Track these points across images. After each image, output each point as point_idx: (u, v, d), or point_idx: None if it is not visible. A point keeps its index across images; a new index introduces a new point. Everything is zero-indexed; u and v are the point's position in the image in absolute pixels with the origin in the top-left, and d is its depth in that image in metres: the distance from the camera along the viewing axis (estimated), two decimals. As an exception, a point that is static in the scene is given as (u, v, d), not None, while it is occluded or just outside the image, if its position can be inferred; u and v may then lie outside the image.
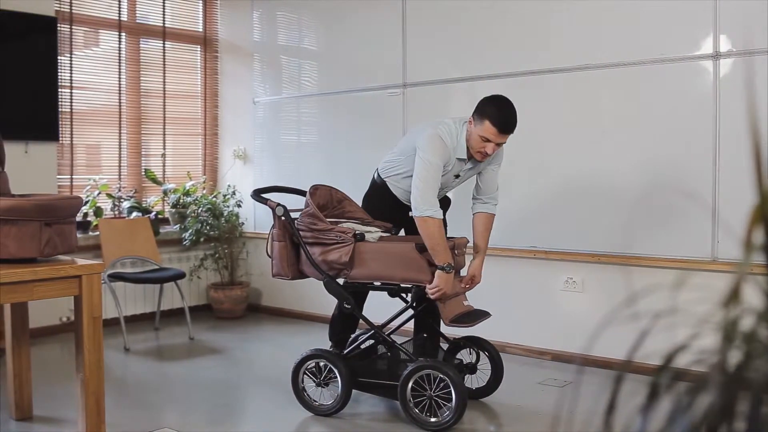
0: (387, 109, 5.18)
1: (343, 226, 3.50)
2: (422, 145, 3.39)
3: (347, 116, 5.48)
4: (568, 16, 4.38)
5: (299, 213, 3.58)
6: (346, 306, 3.51)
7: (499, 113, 3.36)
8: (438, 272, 3.26)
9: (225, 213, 5.87)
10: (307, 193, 3.56)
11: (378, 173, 3.83)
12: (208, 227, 5.69)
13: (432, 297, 3.30)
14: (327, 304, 5.55)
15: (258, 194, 3.71)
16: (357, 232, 3.42)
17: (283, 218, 3.55)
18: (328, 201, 3.67)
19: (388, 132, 5.16)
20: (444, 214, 3.90)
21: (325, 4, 5.56)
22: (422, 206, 3.30)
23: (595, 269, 4.34)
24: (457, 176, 3.58)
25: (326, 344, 3.96)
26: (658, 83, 4.09)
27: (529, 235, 4.57)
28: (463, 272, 3.62)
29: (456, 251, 3.41)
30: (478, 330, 3.93)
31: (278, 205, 3.56)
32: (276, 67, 5.98)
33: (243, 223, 6.02)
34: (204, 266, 5.90)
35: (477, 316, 3.41)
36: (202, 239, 5.71)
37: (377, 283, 3.51)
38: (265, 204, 3.62)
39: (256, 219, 6.04)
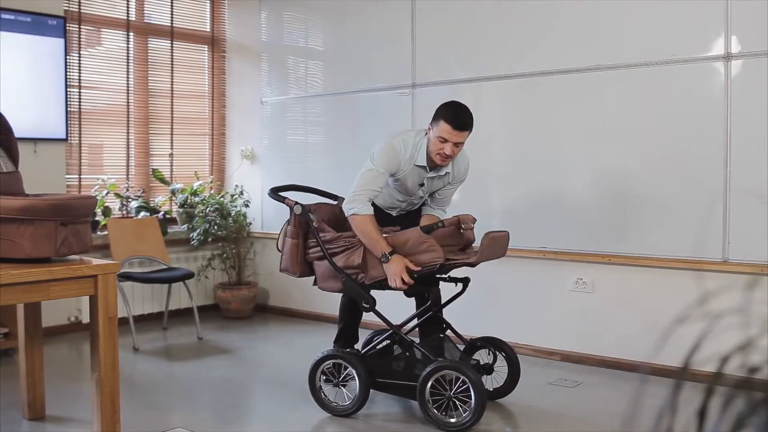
0: (396, 110, 5.17)
1: (350, 232, 3.50)
2: (373, 153, 3.54)
3: (355, 117, 5.47)
4: (579, 17, 4.38)
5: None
6: (365, 306, 3.47)
7: (450, 111, 3.47)
8: (383, 265, 3.31)
9: (233, 213, 5.87)
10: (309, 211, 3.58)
11: None
12: (215, 227, 5.69)
13: (396, 288, 3.34)
14: (335, 304, 5.55)
15: (276, 192, 3.71)
16: None
17: (300, 217, 3.54)
18: (332, 217, 3.68)
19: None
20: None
21: (333, 4, 5.56)
22: (349, 205, 3.41)
23: (605, 270, 4.34)
24: (421, 185, 3.64)
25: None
26: (669, 84, 4.09)
27: (538, 235, 4.57)
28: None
29: (462, 226, 3.43)
30: (491, 330, 3.94)
31: (296, 203, 3.56)
32: (283, 67, 5.99)
33: (251, 223, 6.02)
34: (211, 266, 5.90)
35: None
36: (209, 239, 5.71)
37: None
38: (283, 202, 3.62)
39: (264, 219, 6.04)
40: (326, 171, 5.50)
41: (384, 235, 3.43)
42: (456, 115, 3.43)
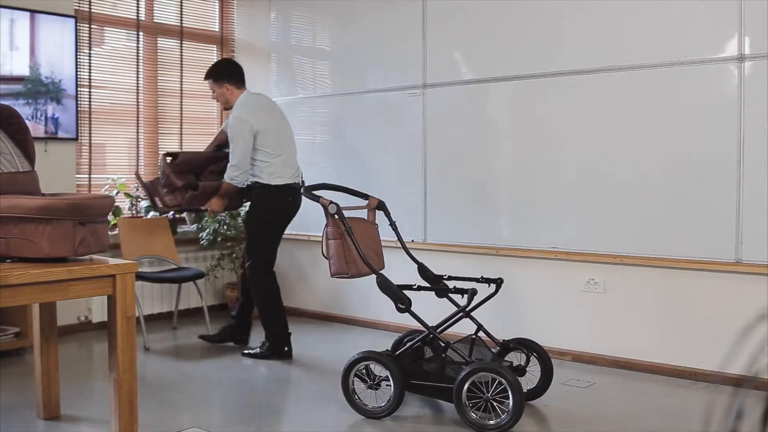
0: (406, 110, 5.18)
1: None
2: None
3: (364, 117, 5.47)
4: (591, 18, 4.38)
5: (351, 211, 3.62)
6: (401, 306, 3.45)
7: None
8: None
9: (242, 213, 5.86)
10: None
11: None
12: (225, 227, 5.69)
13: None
14: (342, 304, 5.57)
15: (309, 191, 3.70)
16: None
17: (335, 216, 3.53)
18: None
19: (407, 133, 5.17)
20: None
21: (342, 4, 5.56)
22: None
23: (617, 270, 4.34)
24: None
25: (345, 344, 3.95)
26: (682, 85, 4.09)
27: (549, 235, 4.57)
28: None
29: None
30: (500, 330, 3.93)
31: (331, 202, 3.54)
32: (292, 67, 5.98)
33: (259, 223, 6.01)
34: (221, 266, 5.90)
35: None
36: (219, 239, 5.71)
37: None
38: (317, 201, 3.61)
39: (273, 219, 6.04)
40: (334, 171, 5.50)
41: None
42: None
